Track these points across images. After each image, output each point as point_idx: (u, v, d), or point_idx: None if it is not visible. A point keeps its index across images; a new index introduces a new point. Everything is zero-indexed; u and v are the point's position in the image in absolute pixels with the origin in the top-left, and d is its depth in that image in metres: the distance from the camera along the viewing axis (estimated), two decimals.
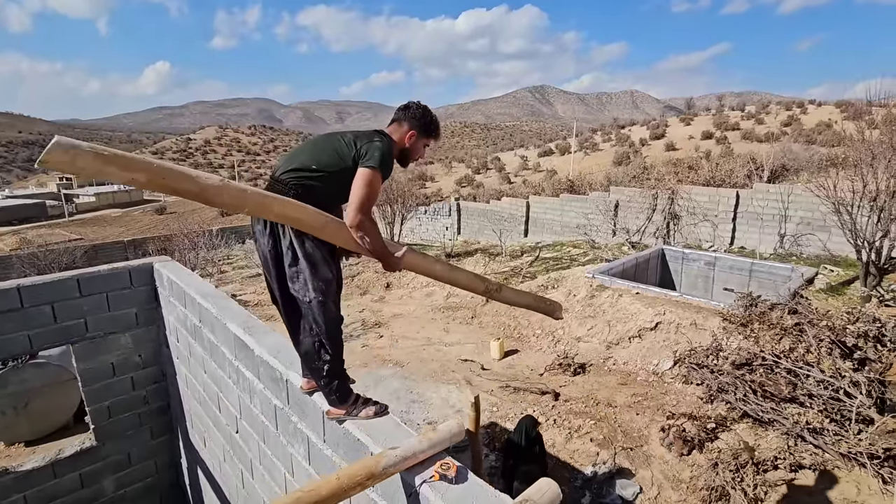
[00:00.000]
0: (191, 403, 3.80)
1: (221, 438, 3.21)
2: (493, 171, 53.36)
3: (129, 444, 4.26)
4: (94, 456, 4.08)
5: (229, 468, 3.19)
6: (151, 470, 4.44)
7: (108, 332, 3.92)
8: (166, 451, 4.48)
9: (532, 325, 8.80)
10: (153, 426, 4.37)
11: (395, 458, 1.44)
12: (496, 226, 16.93)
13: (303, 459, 2.15)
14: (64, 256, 18.94)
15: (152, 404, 4.31)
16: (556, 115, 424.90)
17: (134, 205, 58.17)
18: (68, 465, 3.95)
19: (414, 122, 1.96)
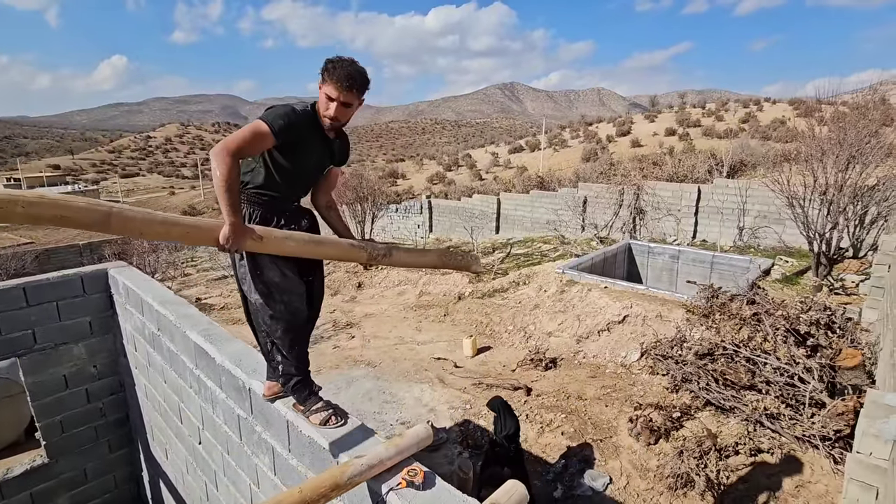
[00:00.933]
0: (151, 415, 3.65)
1: (184, 450, 3.10)
2: (465, 168, 53.54)
3: (85, 459, 4.05)
4: (46, 474, 3.86)
5: (192, 480, 3.08)
6: (110, 485, 4.24)
7: (58, 342, 3.71)
8: (126, 465, 4.29)
9: (504, 322, 8.87)
10: (111, 439, 4.17)
11: (360, 466, 1.41)
12: (468, 223, 16.99)
13: (268, 470, 2.09)
14: (12, 262, 17.91)
15: (109, 417, 4.11)
16: (525, 112, 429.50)
17: None
18: (17, 485, 3.73)
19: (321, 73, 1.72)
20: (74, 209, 1.27)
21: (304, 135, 1.71)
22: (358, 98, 1.72)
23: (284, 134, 1.62)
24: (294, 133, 1.66)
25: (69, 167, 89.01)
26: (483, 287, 10.69)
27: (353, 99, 1.69)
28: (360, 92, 1.70)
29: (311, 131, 1.74)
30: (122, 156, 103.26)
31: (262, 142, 1.61)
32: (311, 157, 1.80)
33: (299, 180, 1.82)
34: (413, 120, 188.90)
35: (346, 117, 1.74)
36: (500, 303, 9.70)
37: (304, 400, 1.86)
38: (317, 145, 1.79)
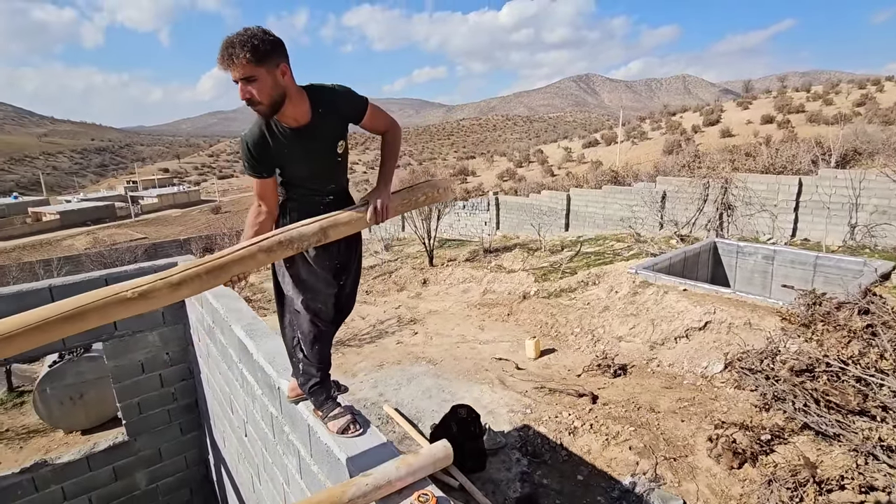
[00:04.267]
0: (212, 402, 3.82)
1: (235, 440, 3.18)
2: (536, 164, 52.36)
3: (160, 439, 4.36)
4: (126, 450, 4.20)
5: (243, 470, 3.15)
6: (182, 465, 4.53)
7: (136, 330, 4.00)
8: (195, 447, 4.56)
9: (570, 324, 8.42)
10: (182, 422, 4.45)
11: (365, 486, 1.28)
12: (535, 220, 16.48)
13: (296, 472, 2.03)
14: (126, 254, 20.24)
15: (181, 401, 4.39)
16: (602, 104, 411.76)
17: (192, 205, 61.55)
18: (102, 459, 4.09)
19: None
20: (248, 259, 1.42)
21: (272, 149, 1.57)
22: (252, 65, 1.41)
23: (262, 167, 1.58)
24: (265, 157, 1.57)
25: (176, 170, 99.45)
26: (549, 287, 10.25)
27: (246, 70, 1.42)
28: (249, 56, 1.40)
29: (272, 140, 1.57)
30: (220, 159, 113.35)
31: (263, 186, 1.63)
32: (295, 160, 1.62)
33: (309, 183, 1.71)
34: (484, 117, 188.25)
35: (264, 94, 1.45)
36: (566, 303, 9.24)
37: (322, 404, 1.77)
38: (292, 146, 1.58)
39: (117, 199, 60.54)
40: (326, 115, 1.59)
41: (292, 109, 1.52)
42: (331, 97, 1.60)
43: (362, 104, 1.68)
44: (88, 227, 46.35)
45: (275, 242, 1.46)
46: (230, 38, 1.41)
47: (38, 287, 3.60)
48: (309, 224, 1.55)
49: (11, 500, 3.67)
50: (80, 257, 22.09)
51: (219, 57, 1.43)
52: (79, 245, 34.90)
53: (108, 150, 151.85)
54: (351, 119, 1.68)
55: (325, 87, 1.61)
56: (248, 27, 1.45)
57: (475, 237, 19.23)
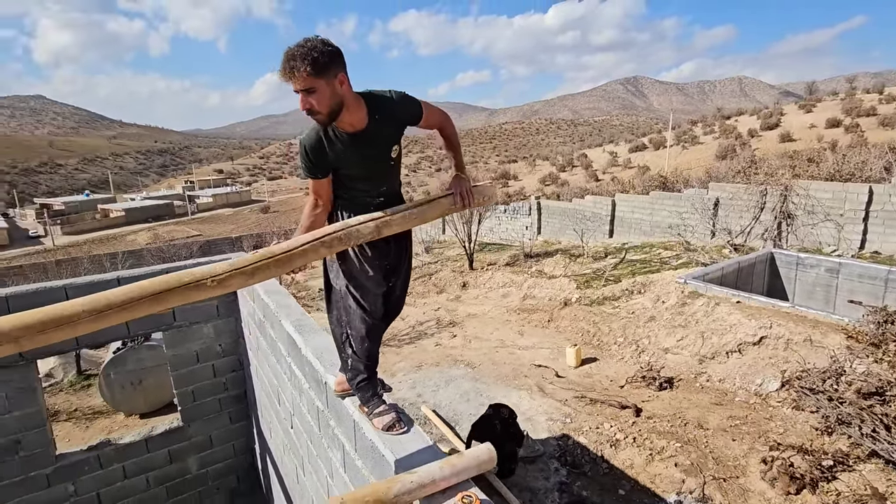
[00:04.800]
0: (259, 394, 3.98)
1: (281, 432, 3.30)
2: (580, 168, 51.35)
3: (211, 426, 4.58)
4: (180, 435, 4.43)
5: (288, 462, 3.26)
6: (230, 452, 4.74)
7: (192, 321, 4.23)
8: (243, 437, 4.76)
9: (614, 333, 8.19)
10: (231, 412, 4.65)
11: (409, 484, 1.29)
12: (578, 225, 16.15)
13: (340, 466, 2.08)
14: (183, 250, 21.42)
15: (231, 391, 4.59)
16: (650, 107, 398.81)
17: (243, 204, 64.43)
18: (159, 442, 4.34)
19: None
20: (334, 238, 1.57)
21: (328, 153, 1.62)
22: (312, 77, 1.44)
23: (318, 169, 1.65)
24: (321, 160, 1.63)
25: (229, 171, 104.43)
26: (592, 294, 10.01)
27: (307, 83, 1.45)
28: (310, 69, 1.43)
29: (329, 144, 1.61)
30: (270, 161, 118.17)
31: (319, 184, 1.71)
32: (350, 163, 1.67)
33: (363, 185, 1.76)
34: (527, 120, 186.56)
35: (323, 104, 1.49)
36: (610, 312, 9.00)
37: (368, 401, 1.81)
38: (348, 150, 1.62)
39: (176, 198, 64.22)
40: (382, 121, 1.62)
41: (349, 116, 1.56)
42: (387, 104, 1.63)
43: (418, 108, 1.71)
44: (149, 224, 49.45)
45: (334, 238, 1.54)
46: (291, 51, 1.44)
47: (107, 278, 3.88)
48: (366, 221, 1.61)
49: (79, 475, 3.96)
50: (141, 252, 23.59)
51: (280, 69, 1.46)
52: (140, 240, 37.29)
53: (169, 151, 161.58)
54: (408, 123, 1.72)
55: (382, 93, 1.64)
56: (307, 38, 1.47)
57: (516, 241, 19.05)
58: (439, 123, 1.83)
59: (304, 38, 1.48)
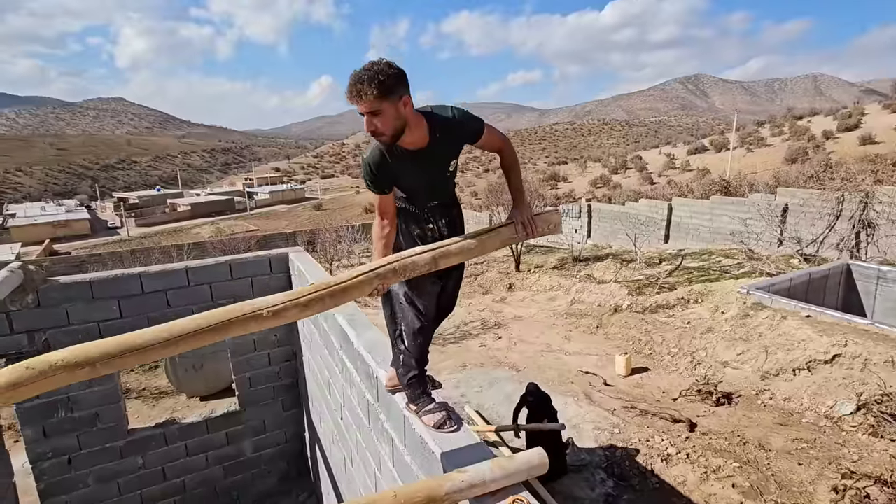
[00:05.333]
0: (311, 384, 4.12)
1: (331, 422, 3.40)
2: (633, 170, 49.55)
3: (265, 412, 4.80)
4: (237, 419, 4.68)
5: (336, 452, 3.35)
6: (282, 439, 4.95)
7: None
8: (294, 424, 4.95)
9: (667, 343, 7.84)
10: (284, 399, 4.86)
11: (460, 483, 1.29)
12: (631, 229, 15.58)
13: (388, 460, 2.11)
14: (242, 244, 22.55)
15: (284, 380, 4.79)
16: (712, 107, 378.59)
17: (298, 202, 67.00)
18: (218, 424, 4.60)
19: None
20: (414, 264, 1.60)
21: (389, 169, 1.67)
22: (377, 100, 1.48)
23: (382, 183, 1.70)
24: (384, 175, 1.68)
25: (286, 170, 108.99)
26: (644, 301, 9.63)
27: (372, 105, 1.49)
28: (376, 92, 1.47)
29: (391, 159, 1.65)
30: (323, 160, 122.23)
31: (385, 202, 1.74)
32: (410, 177, 1.72)
33: (420, 193, 1.80)
34: (579, 121, 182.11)
35: (387, 125, 1.53)
36: (663, 320, 8.62)
37: (417, 398, 1.83)
38: (408, 165, 1.66)
39: (236, 195, 67.79)
40: (442, 139, 1.66)
41: (411, 136, 1.60)
42: (447, 123, 1.66)
43: (479, 127, 1.72)
44: (212, 218, 52.48)
45: (389, 270, 1.55)
46: (358, 74, 1.47)
47: (177, 267, 4.15)
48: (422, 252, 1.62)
49: (147, 449, 4.27)
50: (204, 244, 25.06)
51: (347, 91, 1.50)
52: (204, 233, 39.68)
53: (232, 150, 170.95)
54: (467, 141, 1.74)
55: (444, 112, 1.67)
56: (374, 62, 1.50)
57: (564, 245, 18.66)
58: (499, 147, 1.82)
59: (371, 62, 1.50)
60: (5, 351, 3.68)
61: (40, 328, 3.74)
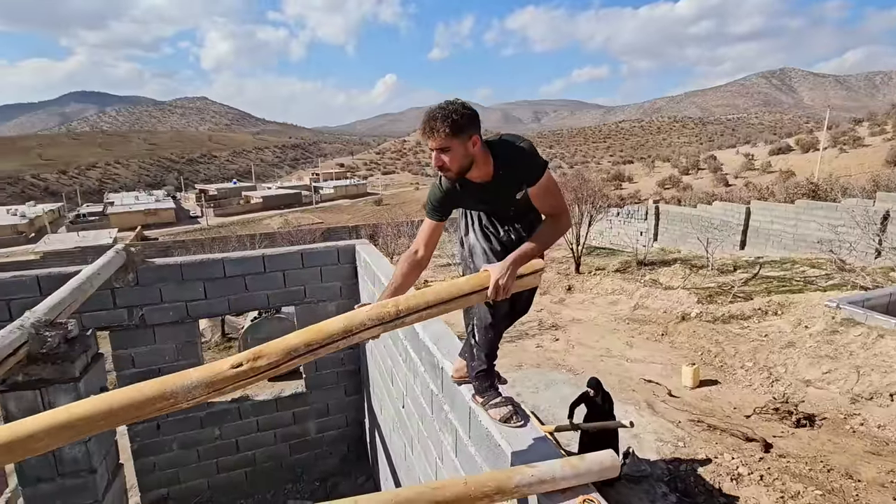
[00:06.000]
0: (373, 372, 4.26)
1: (392, 409, 3.50)
2: (706, 171, 46.58)
3: (329, 396, 5.03)
4: (303, 400, 4.94)
5: (397, 439, 3.45)
6: (343, 422, 5.16)
7: (319, 300, 4.67)
8: (354, 409, 5.15)
9: (741, 356, 7.33)
10: (346, 385, 5.06)
11: (529, 477, 1.29)
12: (703, 234, 14.68)
13: (451, 449, 2.15)
14: (308, 235, 23.66)
15: (347, 366, 4.99)
16: (799, 103, 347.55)
17: (360, 196, 69.25)
18: (286, 404, 4.88)
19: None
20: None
21: (454, 197, 1.73)
22: (448, 138, 1.51)
23: (437, 213, 1.76)
24: (443, 204, 1.74)
25: (349, 166, 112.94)
26: (716, 310, 9.06)
27: (443, 143, 1.52)
28: (448, 130, 1.50)
29: (456, 189, 1.69)
30: (385, 157, 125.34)
31: (428, 231, 1.80)
32: (474, 204, 1.79)
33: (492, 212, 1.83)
34: (647, 119, 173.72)
35: (455, 162, 1.56)
36: (737, 332, 8.07)
37: (484, 391, 1.84)
38: (472, 195, 1.71)
39: (303, 189, 71.12)
40: (506, 176, 1.66)
41: (477, 171, 1.64)
42: (510, 163, 1.64)
43: (536, 174, 1.66)
44: (281, 211, 55.49)
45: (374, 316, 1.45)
46: (433, 112, 1.53)
47: (255, 254, 4.45)
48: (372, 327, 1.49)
49: (223, 422, 4.62)
50: (274, 235, 26.57)
51: (421, 127, 1.56)
52: (273, 224, 42.08)
53: (301, 146, 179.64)
54: (524, 183, 1.67)
55: (511, 147, 1.65)
56: (449, 101, 1.55)
57: (628, 247, 17.92)
58: (551, 212, 1.74)
59: (447, 101, 1.56)
60: (109, 324, 4.13)
61: (138, 304, 4.15)
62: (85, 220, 49.18)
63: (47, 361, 2.47)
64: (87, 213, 53.24)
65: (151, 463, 4.49)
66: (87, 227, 43.68)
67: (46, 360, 2.46)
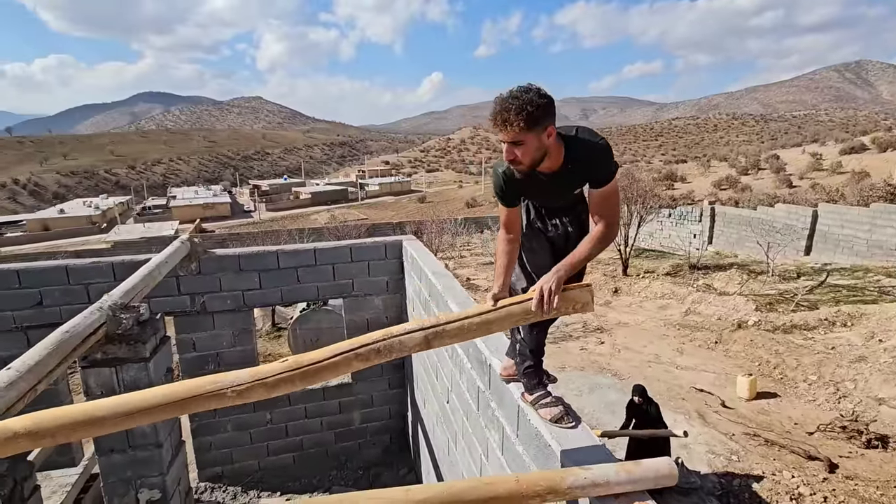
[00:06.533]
0: (417, 367, 4.31)
1: (436, 404, 3.54)
2: (768, 171, 43.82)
3: (373, 388, 5.14)
4: (349, 391, 5.08)
5: (440, 434, 3.48)
6: (386, 414, 5.27)
7: (366, 293, 4.78)
8: (398, 403, 5.24)
9: (804, 368, 6.87)
10: (390, 379, 5.16)
11: (583, 479, 1.27)
12: (764, 237, 13.85)
13: (497, 447, 2.15)
14: (353, 230, 24.24)
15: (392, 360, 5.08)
16: (877, 98, 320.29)
17: (403, 194, 70.19)
18: (333, 393, 5.03)
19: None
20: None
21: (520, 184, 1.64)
22: (523, 132, 1.41)
23: (509, 199, 1.69)
24: (512, 191, 1.67)
25: (394, 163, 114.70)
26: (776, 319, 8.54)
27: (517, 136, 1.42)
28: (522, 124, 1.39)
29: (512, 182, 1.62)
30: (429, 154, 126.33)
31: (511, 215, 1.72)
32: (536, 193, 1.71)
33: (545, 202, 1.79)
34: (703, 116, 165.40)
35: (527, 156, 1.47)
36: (800, 343, 7.57)
37: (533, 388, 1.82)
38: (537, 184, 1.63)
39: (349, 185, 72.93)
40: (574, 170, 1.59)
41: (548, 163, 1.55)
42: (582, 157, 1.57)
43: (606, 176, 1.59)
44: (328, 206, 57.14)
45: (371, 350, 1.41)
46: (505, 102, 1.40)
47: (307, 248, 4.61)
48: (413, 331, 1.46)
49: (274, 407, 4.83)
50: (321, 229, 27.40)
51: (492, 118, 1.44)
52: (321, 219, 43.41)
53: (348, 144, 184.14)
54: (589, 182, 1.61)
55: (585, 143, 1.56)
56: (523, 88, 1.43)
57: (679, 250, 17.17)
58: (604, 217, 1.64)
59: (520, 88, 1.43)
60: (173, 309, 4.40)
61: (199, 292, 4.40)
62: (150, 213, 52.76)
63: (122, 342, 2.67)
64: (152, 206, 57.13)
65: (208, 442, 4.76)
66: (152, 219, 46.84)
67: (121, 340, 2.66)
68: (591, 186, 1.62)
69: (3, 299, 3.96)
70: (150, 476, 2.89)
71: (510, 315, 1.49)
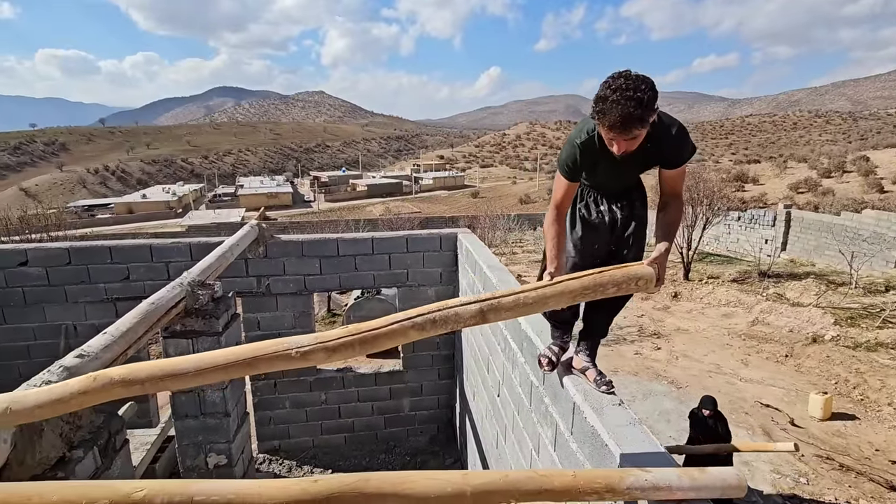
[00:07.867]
0: (468, 359, 4.34)
1: (486, 397, 3.55)
2: (854, 174, 39.96)
3: (422, 377, 5.24)
4: (399, 378, 5.20)
5: (489, 427, 3.50)
6: (435, 404, 5.35)
7: (420, 284, 4.87)
8: (446, 393, 5.31)
9: (889, 390, 6.27)
10: (440, 369, 5.23)
11: (643, 481, 1.23)
12: (847, 246, 12.68)
13: (549, 443, 2.13)
14: (406, 223, 24.65)
15: (442, 350, 5.15)
16: None
17: (457, 188, 70.39)
18: (384, 379, 5.18)
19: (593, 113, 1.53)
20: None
21: (589, 161, 1.61)
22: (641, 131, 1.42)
23: (574, 174, 1.65)
24: (580, 167, 1.64)
25: (448, 158, 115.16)
26: (858, 336, 7.82)
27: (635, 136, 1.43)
28: (641, 126, 1.40)
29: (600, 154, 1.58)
30: (483, 150, 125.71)
31: (569, 190, 1.70)
32: (605, 170, 1.66)
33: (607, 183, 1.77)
34: (781, 112, 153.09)
35: (634, 145, 1.47)
36: (885, 362, 6.90)
37: (558, 337, 2.02)
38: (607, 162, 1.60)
39: (404, 179, 74.11)
40: (651, 150, 1.56)
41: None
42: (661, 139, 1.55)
43: (685, 157, 1.60)
44: (383, 199, 58.44)
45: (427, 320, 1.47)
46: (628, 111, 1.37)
47: (365, 237, 4.75)
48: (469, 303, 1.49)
49: (329, 388, 5.04)
50: (376, 221, 28.08)
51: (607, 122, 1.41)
52: (376, 211, 44.47)
53: (404, 138, 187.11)
54: (664, 163, 1.61)
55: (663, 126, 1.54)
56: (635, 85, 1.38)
57: (748, 255, 16.08)
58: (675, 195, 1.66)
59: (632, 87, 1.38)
60: (241, 290, 4.69)
61: (265, 274, 4.67)
62: (220, 200, 56.39)
63: (199, 316, 2.88)
64: (222, 194, 60.95)
65: (268, 417, 5.05)
66: (221, 206, 50.04)
67: (198, 314, 2.88)
68: (664, 167, 1.62)
69: (96, 273, 4.39)
70: (218, 442, 3.12)
71: (567, 290, 1.50)
